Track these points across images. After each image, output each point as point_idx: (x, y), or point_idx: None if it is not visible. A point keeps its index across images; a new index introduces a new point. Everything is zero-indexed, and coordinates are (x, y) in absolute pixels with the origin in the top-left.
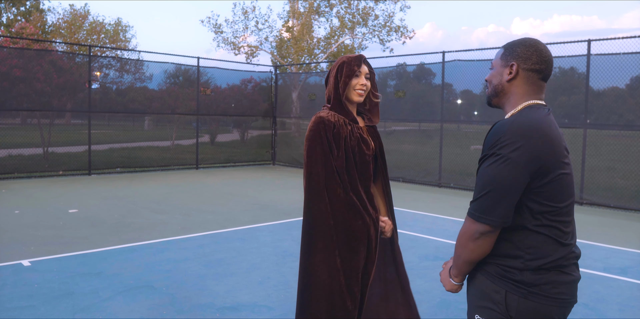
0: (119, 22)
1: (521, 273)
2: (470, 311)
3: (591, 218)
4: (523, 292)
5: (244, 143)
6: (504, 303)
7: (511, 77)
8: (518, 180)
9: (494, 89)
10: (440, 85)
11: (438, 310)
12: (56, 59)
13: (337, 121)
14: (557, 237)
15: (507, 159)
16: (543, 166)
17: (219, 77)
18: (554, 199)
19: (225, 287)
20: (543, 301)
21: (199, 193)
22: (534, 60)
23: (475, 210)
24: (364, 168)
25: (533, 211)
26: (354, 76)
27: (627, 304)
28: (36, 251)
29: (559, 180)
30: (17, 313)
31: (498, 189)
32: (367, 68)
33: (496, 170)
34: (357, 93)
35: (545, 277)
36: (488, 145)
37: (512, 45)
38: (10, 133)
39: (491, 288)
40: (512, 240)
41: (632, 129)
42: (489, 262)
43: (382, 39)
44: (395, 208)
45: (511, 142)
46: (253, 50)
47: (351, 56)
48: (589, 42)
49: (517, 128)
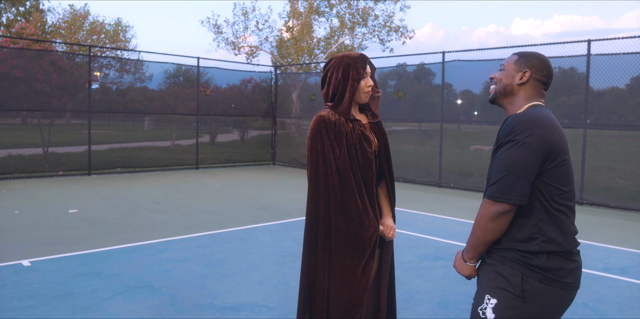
0: (119, 22)
1: (537, 257)
2: (480, 293)
3: (591, 218)
4: (539, 276)
5: (244, 143)
6: (520, 285)
7: (522, 81)
8: (532, 161)
9: (504, 88)
10: (440, 85)
11: (438, 310)
12: (56, 59)
13: (338, 119)
14: (565, 219)
15: (522, 143)
16: (552, 150)
17: (219, 77)
18: (561, 182)
19: (225, 287)
20: (555, 285)
21: (199, 193)
22: (544, 73)
23: (495, 192)
24: (367, 166)
25: (544, 194)
26: (362, 78)
27: (627, 304)
28: (36, 251)
29: (565, 164)
30: (17, 313)
31: (515, 171)
32: (369, 67)
33: (512, 154)
34: (365, 95)
35: (557, 263)
36: (503, 135)
37: (529, 56)
38: (10, 133)
39: (508, 272)
40: (527, 223)
41: (632, 129)
42: (505, 248)
43: (382, 39)
44: (396, 208)
45: (524, 130)
46: (253, 50)
47: (354, 57)
48: (589, 42)
49: (528, 119)
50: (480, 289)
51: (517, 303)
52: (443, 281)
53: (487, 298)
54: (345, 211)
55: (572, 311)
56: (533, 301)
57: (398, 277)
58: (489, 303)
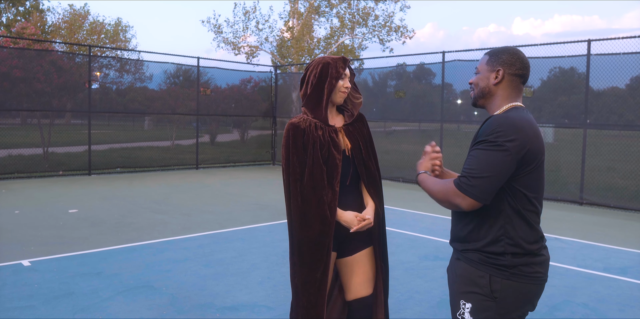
0: (119, 22)
1: (503, 257)
2: (454, 298)
3: (591, 218)
4: (505, 274)
5: (244, 143)
6: (489, 286)
7: (497, 80)
8: (508, 166)
9: (481, 91)
10: (440, 85)
11: (438, 310)
12: (56, 59)
13: (308, 126)
14: (532, 222)
15: (503, 147)
16: (529, 156)
17: (219, 77)
18: (531, 188)
19: (225, 287)
20: (522, 280)
21: (199, 193)
22: (517, 66)
23: (470, 187)
24: (333, 172)
25: (513, 198)
26: (340, 79)
27: (627, 304)
28: (36, 251)
29: (537, 171)
30: (17, 313)
31: (490, 171)
32: (349, 70)
33: (491, 155)
34: (341, 95)
35: (523, 259)
36: (485, 133)
37: (498, 53)
38: (10, 133)
39: (475, 274)
40: (493, 225)
41: (632, 129)
42: (470, 250)
43: (382, 39)
44: (396, 208)
45: (507, 133)
46: (253, 50)
47: (335, 57)
48: (589, 42)
49: (511, 122)
50: (453, 296)
51: (490, 303)
52: (443, 281)
53: (462, 303)
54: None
55: (572, 311)
56: (504, 299)
57: (398, 277)
58: (465, 307)
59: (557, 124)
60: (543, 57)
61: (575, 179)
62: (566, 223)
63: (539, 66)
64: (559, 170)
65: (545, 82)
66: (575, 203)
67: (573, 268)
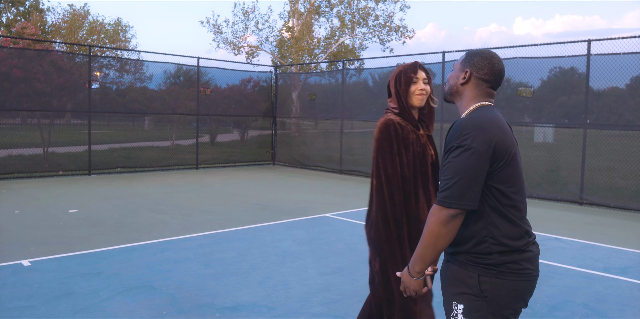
0: (119, 22)
1: (490, 256)
2: (447, 301)
3: (591, 218)
4: (493, 272)
5: (244, 143)
6: (478, 285)
7: (464, 81)
8: (481, 165)
9: (449, 88)
10: (440, 85)
11: (438, 310)
12: (56, 59)
13: (406, 126)
14: (515, 218)
15: (470, 148)
16: (498, 152)
17: (219, 77)
18: (507, 182)
19: (225, 287)
20: (511, 278)
21: (199, 193)
22: (485, 71)
23: (446, 198)
24: (426, 175)
25: (492, 197)
26: (412, 83)
27: (627, 304)
28: (36, 251)
29: (510, 165)
30: (17, 313)
31: (466, 176)
32: (424, 73)
33: (462, 160)
34: (417, 98)
35: (510, 257)
36: (451, 139)
37: (472, 54)
38: (10, 133)
39: (464, 275)
40: (476, 227)
41: (632, 129)
42: (458, 252)
43: (382, 39)
44: None
45: (471, 134)
46: (253, 50)
47: (407, 64)
48: (589, 42)
49: (474, 123)
50: (445, 298)
51: (481, 303)
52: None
53: (455, 305)
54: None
55: (572, 311)
56: (495, 298)
57: None
58: (457, 308)
59: (557, 124)
60: (543, 57)
61: (575, 179)
62: (566, 223)
63: (539, 66)
64: (559, 170)
65: (546, 82)
66: (575, 203)
67: (573, 268)
